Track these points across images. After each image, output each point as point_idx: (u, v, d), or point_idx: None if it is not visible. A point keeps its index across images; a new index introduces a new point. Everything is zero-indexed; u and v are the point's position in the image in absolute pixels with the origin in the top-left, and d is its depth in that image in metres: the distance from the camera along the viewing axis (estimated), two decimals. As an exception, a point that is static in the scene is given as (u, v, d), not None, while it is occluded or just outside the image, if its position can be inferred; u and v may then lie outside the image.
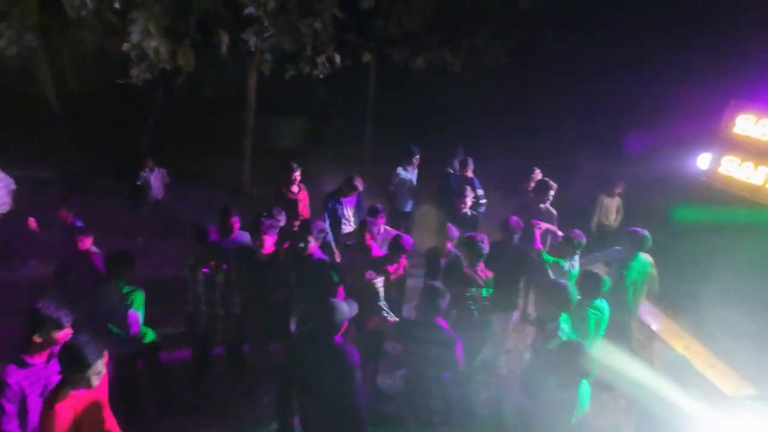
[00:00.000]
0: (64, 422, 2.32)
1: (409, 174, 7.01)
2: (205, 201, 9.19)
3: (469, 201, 5.70)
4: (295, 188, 5.76)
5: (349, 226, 5.74)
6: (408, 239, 4.18)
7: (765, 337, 5.21)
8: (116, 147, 10.52)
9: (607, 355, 3.62)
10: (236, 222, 4.56)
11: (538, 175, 6.53)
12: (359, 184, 5.63)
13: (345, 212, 5.74)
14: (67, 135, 9.54)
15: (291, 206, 5.64)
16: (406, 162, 6.98)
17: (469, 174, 6.71)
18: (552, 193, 5.62)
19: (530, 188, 6.35)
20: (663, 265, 5.23)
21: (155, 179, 7.40)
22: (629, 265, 4.80)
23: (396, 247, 4.13)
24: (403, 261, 4.29)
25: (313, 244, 3.98)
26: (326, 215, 5.62)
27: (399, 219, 7.12)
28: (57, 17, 7.29)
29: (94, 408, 2.53)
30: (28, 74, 10.98)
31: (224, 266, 3.99)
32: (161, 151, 9.69)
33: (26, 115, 11.31)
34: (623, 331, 4.98)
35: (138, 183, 7.32)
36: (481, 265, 4.09)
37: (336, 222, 5.68)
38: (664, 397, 3.25)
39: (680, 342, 5.19)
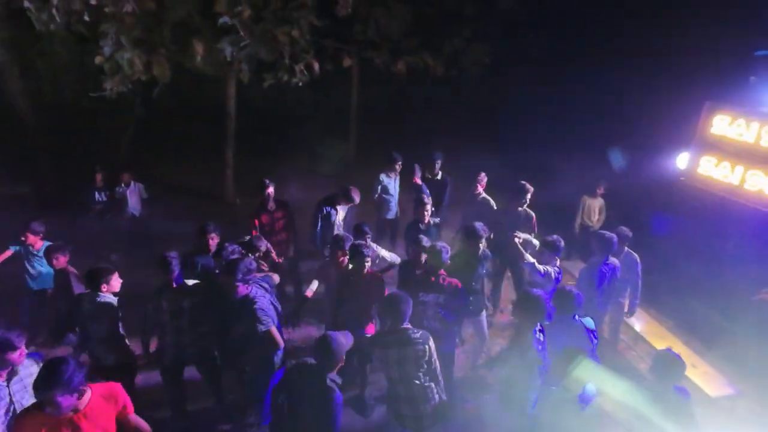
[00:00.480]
0: None
1: (392, 181, 6.97)
2: (186, 212, 9.07)
3: (428, 209, 5.64)
4: (271, 205, 5.67)
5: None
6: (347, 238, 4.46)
7: (747, 335, 5.29)
8: (95, 160, 10.29)
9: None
10: (213, 239, 4.47)
11: (483, 179, 6.49)
12: (356, 196, 5.62)
13: (338, 220, 5.78)
14: (42, 149, 9.31)
15: (270, 224, 5.63)
16: (388, 168, 6.94)
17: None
18: (528, 196, 5.62)
19: (477, 192, 6.35)
20: (645, 265, 5.27)
21: (132, 194, 7.17)
22: (599, 269, 4.76)
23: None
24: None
25: (241, 287, 3.69)
26: (319, 219, 5.64)
27: (383, 226, 7.08)
28: (27, 30, 7.12)
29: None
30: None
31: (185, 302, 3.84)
32: (140, 162, 9.57)
33: None
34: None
35: (115, 198, 7.11)
36: (441, 273, 4.11)
37: (329, 227, 5.67)
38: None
39: (663, 343, 5.23)
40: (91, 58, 6.99)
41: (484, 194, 6.36)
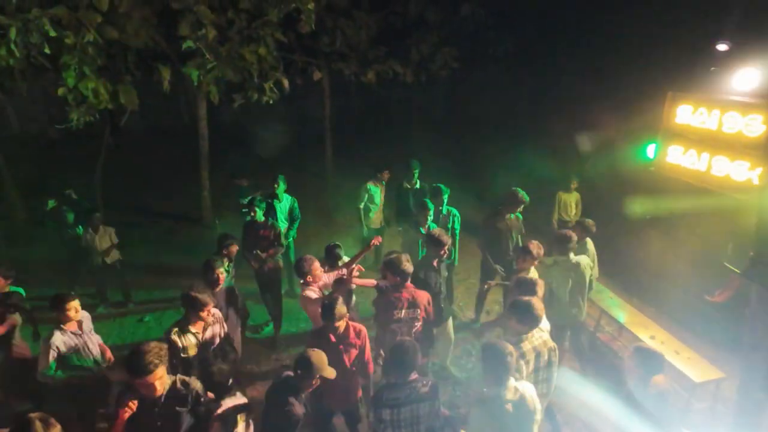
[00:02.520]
0: None
1: (378, 190, 7.01)
2: (164, 240, 8.95)
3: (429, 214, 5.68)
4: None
5: None
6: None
7: (727, 321, 5.42)
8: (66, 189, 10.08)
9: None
10: (221, 275, 4.32)
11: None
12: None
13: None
14: (9, 181, 9.08)
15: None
16: (375, 178, 6.98)
17: None
18: (522, 206, 5.69)
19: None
20: (622, 256, 5.39)
21: (101, 241, 6.38)
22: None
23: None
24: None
25: None
26: None
27: (371, 236, 7.07)
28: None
29: None
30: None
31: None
32: (113, 190, 9.39)
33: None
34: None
35: (81, 243, 6.44)
36: (409, 286, 4.08)
37: None
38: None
39: (647, 331, 5.33)
40: (54, 89, 6.84)
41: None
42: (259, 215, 5.64)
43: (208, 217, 9.57)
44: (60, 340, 3.69)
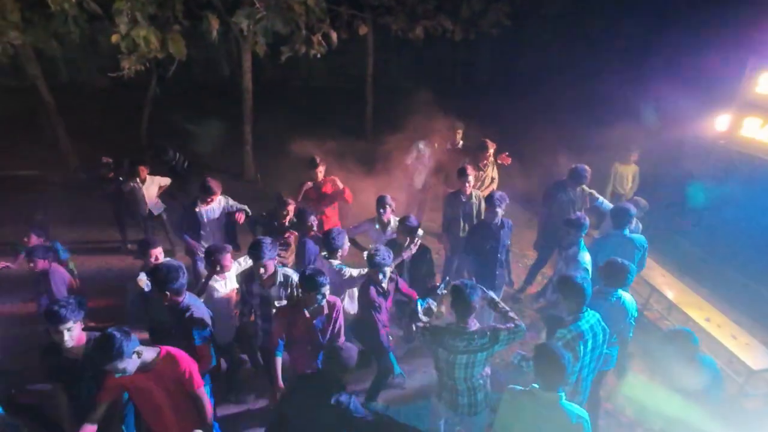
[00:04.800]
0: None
1: (428, 151, 6.86)
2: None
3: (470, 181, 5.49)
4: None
5: None
6: None
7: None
8: (114, 141, 10.31)
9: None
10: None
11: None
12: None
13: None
14: (62, 131, 9.34)
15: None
16: (426, 140, 6.85)
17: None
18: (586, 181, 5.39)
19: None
20: (681, 234, 5.12)
21: (147, 191, 6.29)
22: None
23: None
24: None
25: None
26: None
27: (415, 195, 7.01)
28: (39, 10, 6.98)
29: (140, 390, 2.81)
30: (18, 70, 10.76)
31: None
32: (156, 142, 9.53)
33: (19, 112, 11.14)
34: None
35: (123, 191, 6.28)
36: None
37: None
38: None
39: (701, 313, 5.11)
40: (105, 37, 6.85)
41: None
42: None
43: (250, 172, 9.64)
44: (144, 281, 3.93)
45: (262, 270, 3.61)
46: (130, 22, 6.00)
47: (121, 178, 6.34)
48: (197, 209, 4.89)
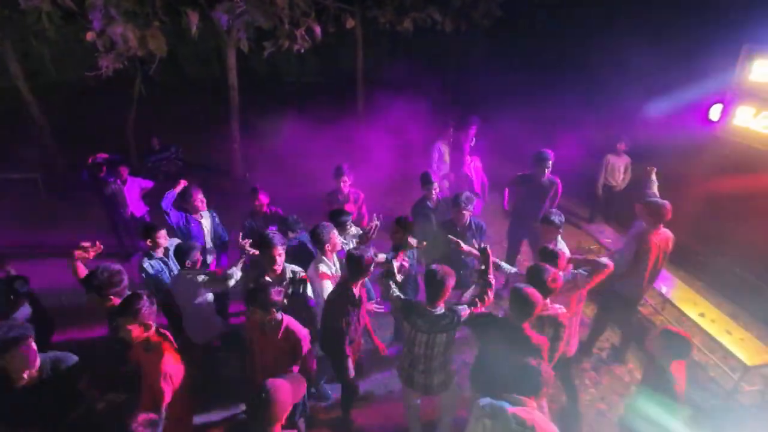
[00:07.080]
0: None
1: (447, 150, 6.77)
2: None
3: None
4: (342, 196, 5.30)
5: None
6: None
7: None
8: (101, 140, 10.14)
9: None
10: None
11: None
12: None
13: None
14: (47, 131, 9.16)
15: None
16: (443, 137, 6.76)
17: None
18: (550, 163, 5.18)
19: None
20: (674, 226, 4.95)
21: (129, 191, 6.28)
22: (648, 239, 4.16)
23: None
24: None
25: None
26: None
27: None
28: (11, 6, 6.79)
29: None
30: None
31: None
32: (144, 141, 9.35)
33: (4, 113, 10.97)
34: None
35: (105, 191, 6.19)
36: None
37: None
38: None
39: (695, 308, 4.98)
40: (83, 34, 6.67)
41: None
42: None
43: (238, 170, 9.48)
44: (148, 264, 4.05)
45: (279, 257, 3.56)
46: (104, 18, 5.80)
47: (111, 179, 6.22)
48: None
